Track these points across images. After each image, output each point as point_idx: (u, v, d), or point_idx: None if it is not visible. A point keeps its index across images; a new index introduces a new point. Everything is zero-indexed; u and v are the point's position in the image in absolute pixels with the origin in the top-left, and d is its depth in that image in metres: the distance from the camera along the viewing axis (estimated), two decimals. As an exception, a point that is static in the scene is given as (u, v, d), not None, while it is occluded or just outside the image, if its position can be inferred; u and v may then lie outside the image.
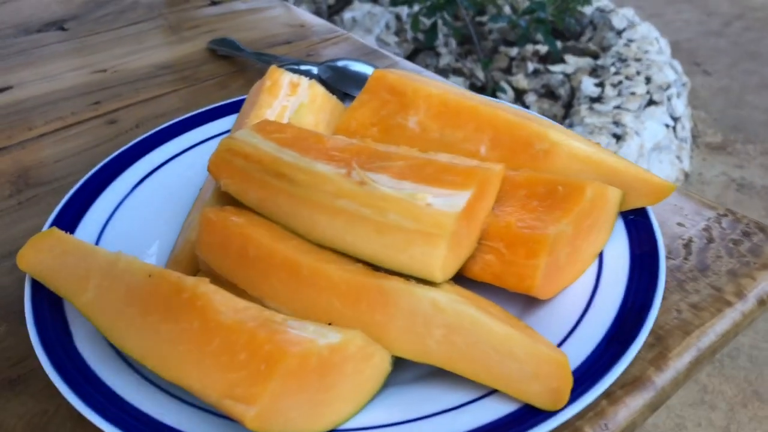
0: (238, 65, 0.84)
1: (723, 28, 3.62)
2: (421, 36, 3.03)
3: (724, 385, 1.79)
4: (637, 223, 0.51)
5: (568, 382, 0.38)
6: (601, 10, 3.20)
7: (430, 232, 0.43)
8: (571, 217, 0.46)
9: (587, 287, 0.47)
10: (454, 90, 0.59)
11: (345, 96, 0.70)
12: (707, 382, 1.78)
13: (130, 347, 0.41)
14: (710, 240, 0.55)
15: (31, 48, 0.90)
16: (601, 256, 0.49)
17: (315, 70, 0.74)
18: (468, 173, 0.46)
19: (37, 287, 0.47)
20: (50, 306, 0.46)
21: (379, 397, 0.41)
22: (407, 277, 0.44)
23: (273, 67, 0.62)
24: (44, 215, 0.61)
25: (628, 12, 3.17)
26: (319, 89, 0.62)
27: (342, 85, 0.70)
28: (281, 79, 0.61)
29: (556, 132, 0.53)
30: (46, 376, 0.46)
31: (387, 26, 3.09)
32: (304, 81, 0.62)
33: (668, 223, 0.56)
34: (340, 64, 0.74)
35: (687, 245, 0.54)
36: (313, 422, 0.38)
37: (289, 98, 0.61)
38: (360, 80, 0.71)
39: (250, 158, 0.50)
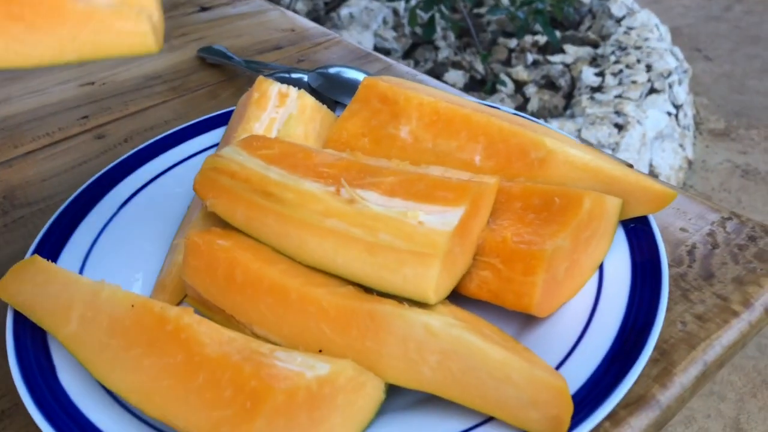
0: (228, 73, 0.83)
1: (723, 13, 3.59)
2: (419, 30, 3.01)
3: (732, 375, 1.77)
4: (638, 231, 0.49)
5: (568, 410, 0.37)
6: (599, -2, 3.17)
7: (423, 252, 0.42)
8: (568, 230, 0.44)
9: (587, 302, 0.45)
10: (447, 97, 0.57)
11: (336, 104, 0.68)
12: (716, 373, 1.76)
13: (113, 382, 0.40)
14: (714, 245, 0.53)
15: (17, 62, 0.89)
16: (601, 268, 0.48)
17: (305, 77, 0.73)
18: (461, 188, 0.44)
19: (20, 318, 0.46)
20: (33, 337, 0.45)
21: (374, 426, 0.40)
22: (400, 299, 0.42)
23: (260, 78, 0.61)
24: (31, 238, 0.59)
25: (627, -1, 3.13)
26: (309, 99, 0.60)
27: (333, 92, 0.69)
28: (269, 90, 0.60)
29: (552, 139, 0.52)
30: (32, 410, 0.45)
31: (384, 21, 3.07)
32: (293, 91, 0.60)
33: (671, 229, 0.55)
34: (331, 71, 0.73)
35: (691, 252, 0.52)
36: (304, 458, 0.36)
37: (278, 110, 0.59)
38: (351, 87, 0.69)
39: (237, 176, 0.48)
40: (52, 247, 0.52)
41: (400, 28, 3.09)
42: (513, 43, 2.98)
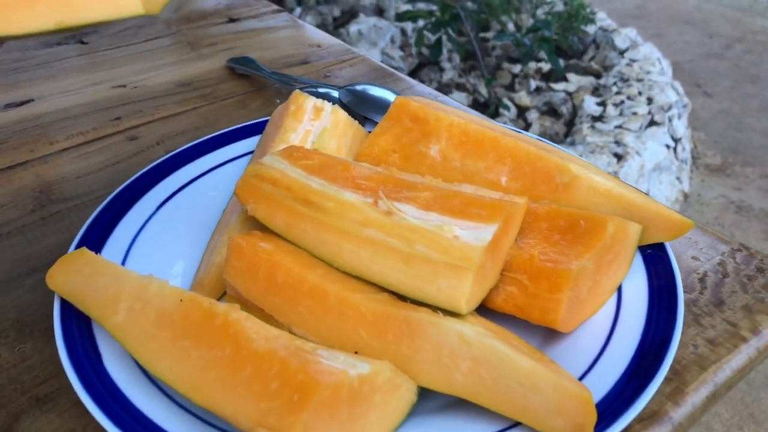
0: (256, 84, 0.85)
1: (724, 51, 3.66)
2: (425, 51, 3.05)
3: (720, 407, 1.79)
4: (655, 257, 0.52)
5: (592, 418, 0.39)
6: (603, 30, 3.23)
7: (458, 265, 0.44)
8: (593, 252, 0.47)
9: (607, 321, 0.48)
10: (476, 119, 0.60)
11: (365, 120, 0.71)
12: (704, 405, 1.79)
13: (161, 371, 0.42)
14: (725, 275, 0.56)
15: (51, 61, 0.91)
16: (620, 290, 0.50)
17: (335, 93, 0.75)
18: (494, 207, 0.47)
19: (66, 306, 0.48)
20: (79, 326, 0.47)
21: (404, 427, 0.42)
22: (433, 307, 0.45)
23: (297, 92, 0.63)
24: (67, 232, 0.61)
25: (631, 32, 3.19)
26: (342, 114, 0.63)
27: (362, 109, 0.71)
28: (305, 103, 0.62)
29: (576, 165, 0.54)
30: (74, 395, 0.47)
31: (392, 40, 3.11)
32: (327, 106, 0.63)
33: (683, 257, 0.57)
34: (359, 88, 0.75)
35: (702, 279, 0.55)
36: (342, 451, 0.39)
37: (313, 123, 0.62)
38: (380, 105, 0.72)
39: (278, 184, 0.51)
40: (94, 242, 0.54)
41: (407, 48, 3.14)
42: (517, 68, 3.03)
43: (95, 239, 0.54)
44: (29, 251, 0.59)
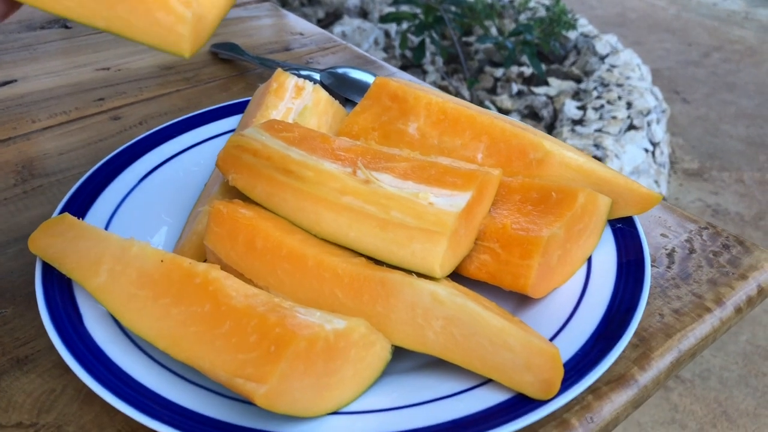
0: (239, 69, 0.86)
1: (702, 59, 3.72)
2: (408, 53, 3.08)
3: (695, 404, 1.82)
4: (624, 231, 0.54)
5: (559, 374, 0.41)
6: (585, 36, 3.27)
7: (432, 230, 0.45)
8: (563, 221, 0.49)
9: (577, 288, 0.50)
10: (453, 99, 0.62)
11: (346, 101, 0.72)
12: (678, 402, 1.82)
13: (142, 328, 0.43)
14: (692, 251, 0.57)
15: (34, 44, 0.92)
16: (589, 260, 0.52)
17: (316, 75, 0.77)
18: (468, 176, 0.48)
19: (47, 270, 0.48)
20: (60, 288, 0.48)
21: (379, 384, 0.43)
22: (408, 271, 0.46)
23: (279, 70, 0.65)
24: (49, 205, 0.62)
25: (612, 38, 3.24)
26: (323, 93, 0.64)
27: (343, 90, 0.73)
28: (287, 82, 0.64)
29: (549, 142, 0.56)
30: (53, 356, 0.48)
31: (376, 42, 3.13)
32: (308, 85, 0.64)
33: (652, 234, 0.59)
34: (340, 71, 0.77)
35: (670, 254, 0.57)
36: (317, 404, 0.40)
37: (294, 101, 0.63)
38: (360, 87, 0.73)
39: (259, 154, 0.52)
40: (76, 210, 0.55)
41: (391, 50, 3.16)
42: (499, 72, 3.06)
43: (77, 208, 0.55)
44: (11, 222, 0.60)
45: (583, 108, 2.74)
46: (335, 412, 0.41)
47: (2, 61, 0.87)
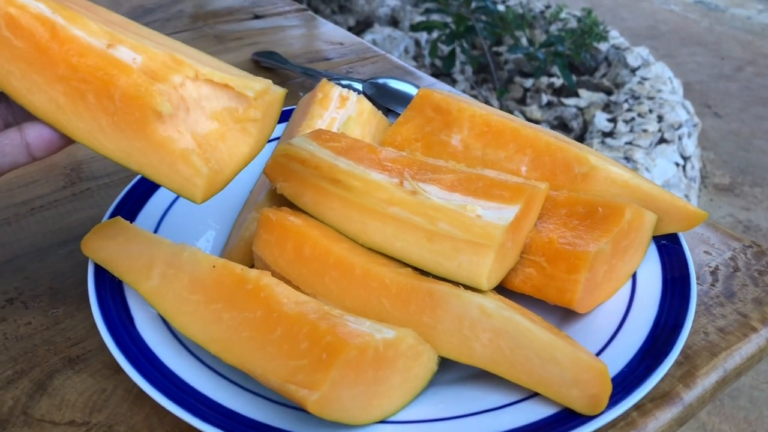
0: (281, 77, 0.87)
1: (735, 73, 3.68)
2: (438, 62, 3.08)
3: (723, 424, 1.80)
4: (668, 247, 0.54)
5: (607, 390, 0.41)
6: (616, 48, 3.25)
7: (480, 243, 0.46)
8: (610, 236, 0.49)
9: (622, 304, 0.49)
10: (497, 111, 0.62)
11: (388, 111, 0.73)
12: (707, 421, 1.79)
13: (194, 332, 0.44)
14: (736, 269, 0.57)
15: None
16: (634, 276, 0.52)
17: (358, 86, 0.77)
18: (516, 189, 0.49)
19: (99, 272, 0.49)
20: (112, 290, 0.49)
21: (425, 395, 0.43)
22: (454, 283, 0.46)
23: (324, 80, 0.65)
24: (97, 207, 0.63)
25: (643, 51, 3.22)
26: (367, 104, 0.65)
27: (385, 101, 0.73)
28: (332, 92, 0.64)
29: (595, 157, 0.56)
30: (105, 357, 0.49)
31: (406, 50, 3.14)
32: (353, 95, 0.65)
33: (695, 251, 0.59)
34: (381, 81, 0.77)
35: (714, 272, 0.57)
36: (366, 412, 0.40)
37: (338, 111, 0.64)
38: (402, 97, 0.74)
39: (307, 163, 0.53)
40: (127, 214, 0.56)
41: (421, 59, 3.17)
42: (529, 82, 3.05)
43: (127, 212, 0.56)
44: (61, 224, 0.61)
45: (613, 120, 2.72)
46: (382, 421, 0.41)
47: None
